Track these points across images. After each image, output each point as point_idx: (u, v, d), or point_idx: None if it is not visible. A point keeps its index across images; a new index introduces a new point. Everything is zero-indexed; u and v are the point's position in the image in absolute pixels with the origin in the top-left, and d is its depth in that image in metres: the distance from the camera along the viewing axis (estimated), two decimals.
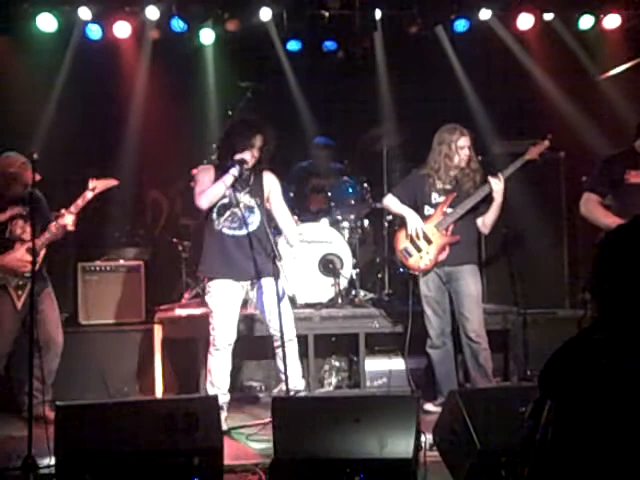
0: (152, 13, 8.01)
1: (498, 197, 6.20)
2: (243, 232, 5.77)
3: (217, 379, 5.84)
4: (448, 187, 6.34)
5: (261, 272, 5.75)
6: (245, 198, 5.87)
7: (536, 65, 8.70)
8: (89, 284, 7.41)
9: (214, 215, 5.87)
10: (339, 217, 7.89)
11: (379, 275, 8.11)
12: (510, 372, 7.18)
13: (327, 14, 8.24)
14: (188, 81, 8.75)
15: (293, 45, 8.71)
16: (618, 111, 8.16)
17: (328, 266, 7.49)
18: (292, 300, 6.71)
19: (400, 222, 6.56)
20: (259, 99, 7.88)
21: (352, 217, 7.92)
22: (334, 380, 7.20)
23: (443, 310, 6.41)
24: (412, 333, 6.59)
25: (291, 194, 7.79)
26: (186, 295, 7.78)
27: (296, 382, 5.88)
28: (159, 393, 6.76)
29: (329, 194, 7.98)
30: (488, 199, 6.26)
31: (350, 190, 7.98)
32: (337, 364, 7.20)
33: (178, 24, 8.10)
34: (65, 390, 6.21)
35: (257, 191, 5.95)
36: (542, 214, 7.63)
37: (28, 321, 5.44)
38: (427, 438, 4.57)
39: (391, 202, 6.54)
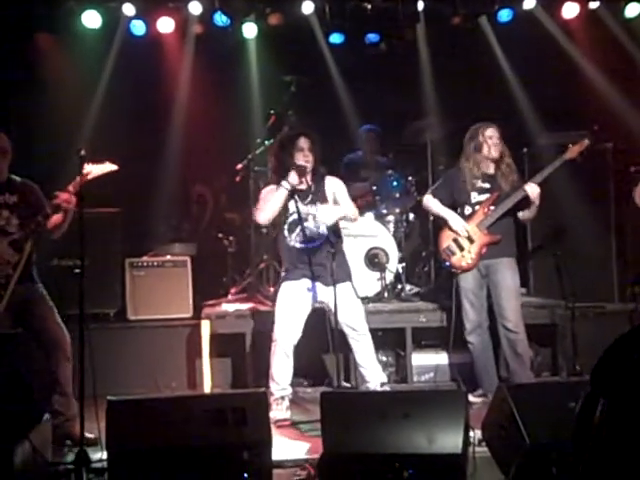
0: (195, 8, 8.07)
1: (536, 201, 6.19)
2: (315, 244, 5.89)
3: (277, 374, 5.94)
4: (487, 186, 6.32)
5: (336, 279, 5.70)
6: (312, 209, 5.93)
7: (582, 54, 8.57)
8: (137, 280, 7.46)
9: (286, 232, 5.99)
10: (384, 211, 7.88)
11: (425, 269, 8.08)
12: (559, 367, 7.10)
13: (369, 6, 8.22)
14: (231, 75, 8.77)
15: (336, 38, 8.69)
16: None
17: (374, 260, 7.48)
18: None
19: (442, 221, 6.50)
20: (302, 92, 7.88)
21: (397, 210, 7.91)
22: None
23: (481, 304, 6.39)
24: (456, 328, 6.58)
25: None
26: (232, 290, 7.80)
27: (378, 375, 6.06)
28: (207, 388, 6.78)
29: (374, 188, 7.96)
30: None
31: (395, 183, 7.93)
32: (384, 359, 7.13)
33: (221, 19, 8.15)
34: (113, 385, 6.25)
35: (321, 200, 5.98)
36: (589, 206, 7.48)
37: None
38: (476, 433, 4.58)
39: (431, 203, 6.52)
